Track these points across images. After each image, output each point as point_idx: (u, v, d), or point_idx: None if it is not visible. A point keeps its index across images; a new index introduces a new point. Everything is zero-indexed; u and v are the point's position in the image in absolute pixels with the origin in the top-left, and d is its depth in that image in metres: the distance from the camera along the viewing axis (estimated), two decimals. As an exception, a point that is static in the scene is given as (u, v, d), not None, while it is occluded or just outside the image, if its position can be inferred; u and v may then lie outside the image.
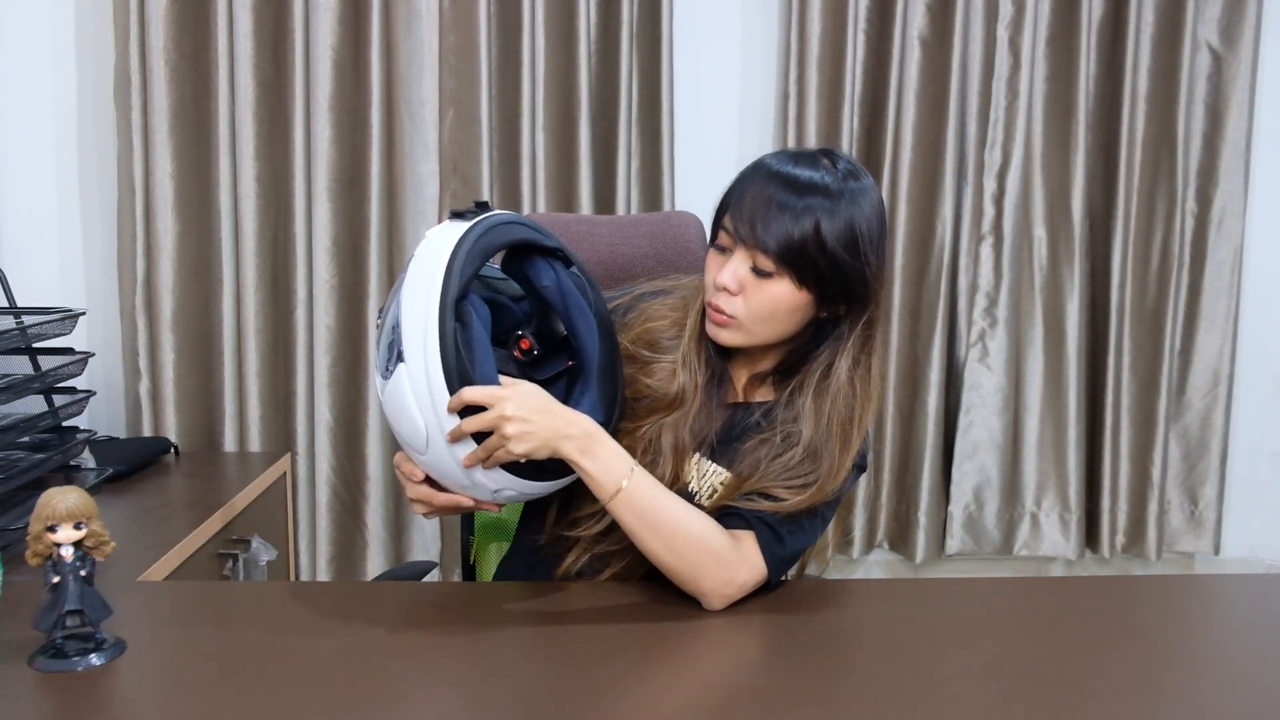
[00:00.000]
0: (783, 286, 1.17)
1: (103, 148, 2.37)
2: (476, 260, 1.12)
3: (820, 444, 1.21)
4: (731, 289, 1.18)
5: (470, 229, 1.13)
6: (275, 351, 2.44)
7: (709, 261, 1.22)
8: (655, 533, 1.16)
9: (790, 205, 1.14)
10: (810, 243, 1.14)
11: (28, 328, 1.75)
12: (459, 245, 1.11)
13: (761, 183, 1.17)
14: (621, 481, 1.14)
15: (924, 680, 1.03)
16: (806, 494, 1.20)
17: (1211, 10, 2.55)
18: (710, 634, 1.14)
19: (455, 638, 1.12)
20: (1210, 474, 2.70)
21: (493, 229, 1.14)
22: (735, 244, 1.18)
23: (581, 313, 1.19)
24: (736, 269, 1.17)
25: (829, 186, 1.16)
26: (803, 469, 1.20)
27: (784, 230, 1.14)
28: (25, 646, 1.05)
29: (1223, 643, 1.14)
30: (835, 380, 1.21)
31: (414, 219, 2.45)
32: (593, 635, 1.13)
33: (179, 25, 2.29)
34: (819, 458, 1.20)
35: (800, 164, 1.18)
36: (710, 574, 1.17)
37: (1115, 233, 2.57)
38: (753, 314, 1.19)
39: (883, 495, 2.64)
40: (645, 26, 2.44)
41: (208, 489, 2.00)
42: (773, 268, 1.16)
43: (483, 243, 1.13)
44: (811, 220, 1.14)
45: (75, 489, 1.03)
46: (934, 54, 2.50)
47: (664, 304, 1.31)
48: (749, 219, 1.16)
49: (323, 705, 0.97)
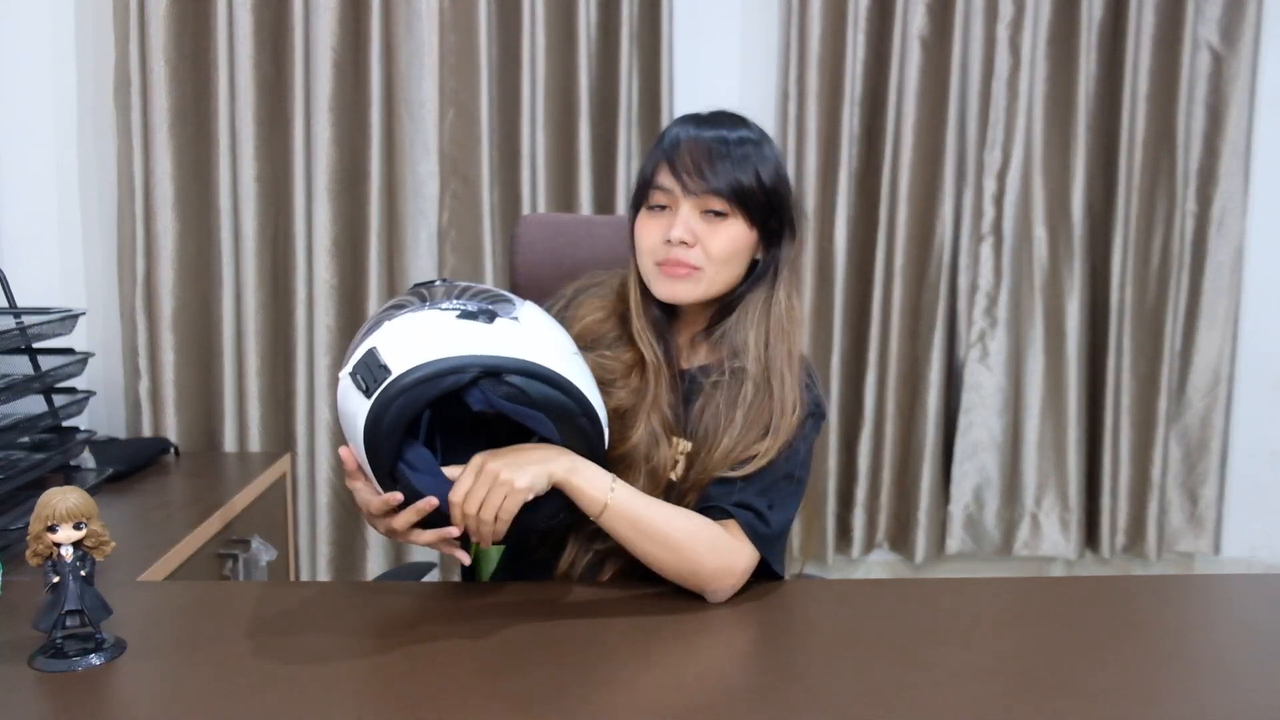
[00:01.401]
0: (736, 225, 1.25)
1: (103, 148, 2.37)
2: (396, 437, 1.10)
3: (768, 375, 1.27)
4: (688, 240, 1.23)
5: (371, 411, 1.08)
6: (275, 351, 2.45)
7: (644, 226, 1.27)
8: (648, 536, 1.18)
9: (729, 153, 1.24)
10: (753, 181, 1.24)
11: (28, 328, 1.74)
12: (370, 435, 1.09)
13: (692, 140, 1.24)
14: (607, 494, 1.16)
15: (924, 680, 1.03)
16: (770, 440, 1.24)
17: (1211, 10, 2.55)
18: (710, 633, 1.14)
19: (455, 637, 1.12)
20: (1210, 474, 2.70)
21: (395, 403, 1.08)
22: (682, 196, 1.24)
23: (525, 417, 1.13)
24: (687, 220, 1.24)
25: (751, 136, 1.27)
26: (758, 404, 1.26)
27: (730, 172, 1.23)
28: (25, 646, 1.05)
29: (1223, 643, 1.14)
30: (776, 309, 1.29)
31: (414, 219, 2.45)
32: (593, 635, 1.13)
33: (179, 25, 2.29)
34: (769, 389, 1.26)
35: (719, 122, 1.27)
36: (708, 565, 1.19)
37: (1115, 233, 2.57)
38: (714, 258, 1.24)
39: (883, 495, 2.64)
40: (645, 26, 2.44)
41: (208, 489, 2.00)
42: (726, 208, 1.23)
43: (391, 425, 1.09)
44: (749, 162, 1.24)
45: (75, 489, 1.03)
46: (934, 54, 2.50)
47: (591, 302, 1.36)
48: (695, 170, 1.23)
49: (323, 705, 0.97)
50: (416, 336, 1.11)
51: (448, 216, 2.45)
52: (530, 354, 1.12)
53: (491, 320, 1.13)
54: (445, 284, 1.21)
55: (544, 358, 1.13)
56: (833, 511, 2.61)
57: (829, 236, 2.53)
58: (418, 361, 1.08)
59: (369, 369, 1.09)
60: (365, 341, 1.13)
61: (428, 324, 1.12)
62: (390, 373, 1.08)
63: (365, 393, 1.08)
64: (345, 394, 1.13)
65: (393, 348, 1.09)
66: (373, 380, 1.08)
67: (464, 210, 2.44)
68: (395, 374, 1.07)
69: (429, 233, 2.45)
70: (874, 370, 2.58)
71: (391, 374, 1.08)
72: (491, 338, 1.11)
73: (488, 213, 2.42)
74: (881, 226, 2.53)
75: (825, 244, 2.53)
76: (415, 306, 1.15)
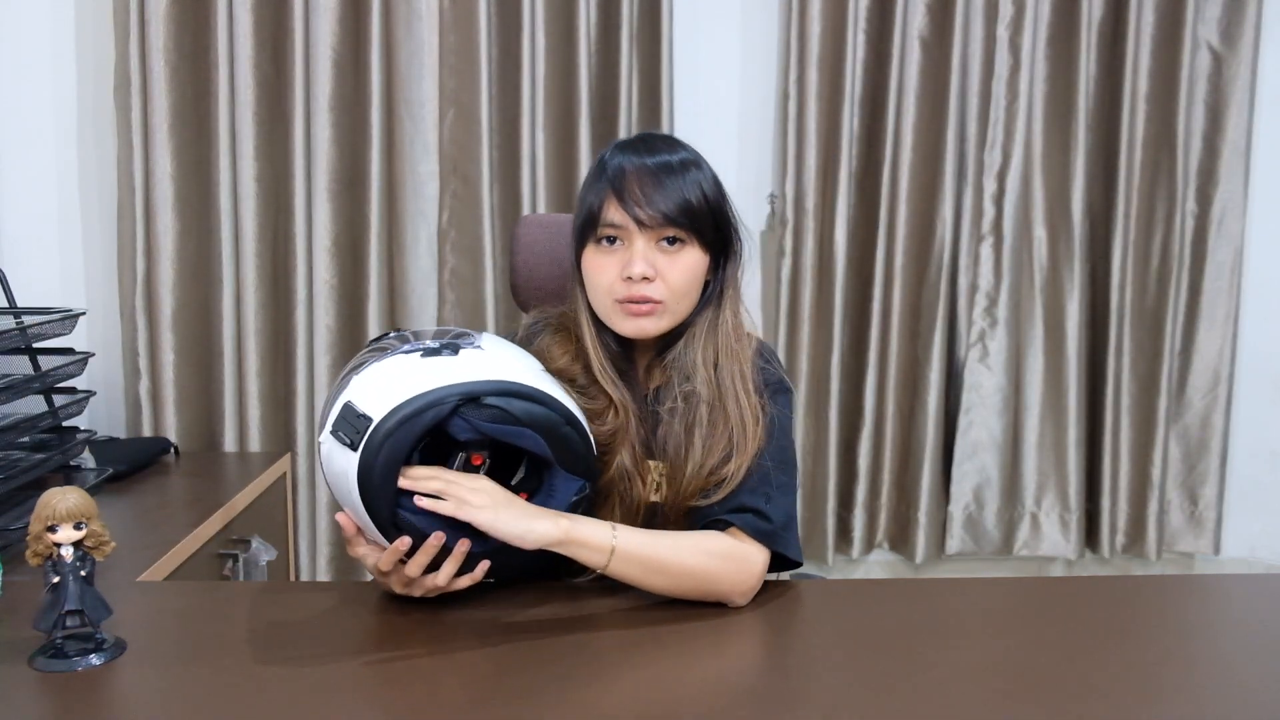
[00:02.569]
0: (693, 253, 1.24)
1: (103, 148, 2.37)
2: (391, 483, 1.10)
3: (721, 397, 1.25)
4: (649, 275, 1.22)
5: (361, 462, 1.09)
6: (275, 351, 2.44)
7: (597, 264, 1.25)
8: (660, 571, 1.18)
9: (673, 178, 1.22)
10: (701, 201, 1.23)
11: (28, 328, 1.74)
12: (364, 485, 1.09)
13: (635, 170, 1.23)
14: (611, 542, 1.15)
15: (924, 680, 1.03)
16: (738, 459, 1.23)
17: (1211, 10, 2.55)
18: (711, 634, 1.14)
19: (455, 637, 1.12)
20: (1210, 474, 2.70)
21: (382, 448, 1.09)
22: (636, 230, 1.22)
23: (513, 436, 1.13)
24: (644, 254, 1.22)
25: (690, 157, 1.26)
26: (714, 426, 1.24)
27: (680, 196, 1.22)
28: (25, 646, 1.05)
29: (1223, 643, 1.14)
30: (723, 329, 1.28)
31: (414, 219, 2.45)
32: (593, 635, 1.13)
33: (179, 25, 2.29)
34: (725, 411, 1.25)
35: (657, 147, 1.26)
36: (724, 579, 1.19)
37: (1115, 233, 2.57)
38: (675, 290, 1.24)
39: (883, 495, 2.64)
40: (645, 26, 2.44)
41: (208, 489, 2.00)
42: (683, 235, 1.23)
43: (384, 471, 1.09)
44: (694, 181, 1.23)
45: (75, 489, 1.03)
46: (934, 54, 2.50)
47: (553, 339, 1.33)
48: (645, 200, 1.21)
49: (322, 705, 0.97)
50: (388, 382, 1.12)
51: (448, 216, 2.45)
52: (503, 374, 1.13)
53: (456, 352, 1.15)
54: (399, 334, 1.23)
55: (517, 376, 1.14)
56: (833, 511, 2.61)
57: (829, 236, 2.53)
58: (395, 403, 1.09)
59: (348, 423, 1.10)
60: (337, 401, 1.14)
61: (395, 369, 1.13)
62: (371, 420, 1.09)
63: (350, 446, 1.09)
64: (330, 455, 1.13)
65: (367, 397, 1.11)
66: (355, 432, 1.09)
67: (464, 210, 2.44)
68: (376, 420, 1.09)
69: (429, 233, 2.45)
70: (874, 370, 2.58)
71: (373, 421, 1.09)
72: (461, 367, 1.13)
73: (488, 213, 2.42)
74: (881, 226, 2.53)
75: (825, 244, 2.53)
76: (377, 358, 1.16)
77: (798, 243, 2.52)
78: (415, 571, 1.12)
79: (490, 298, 2.43)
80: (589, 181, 1.27)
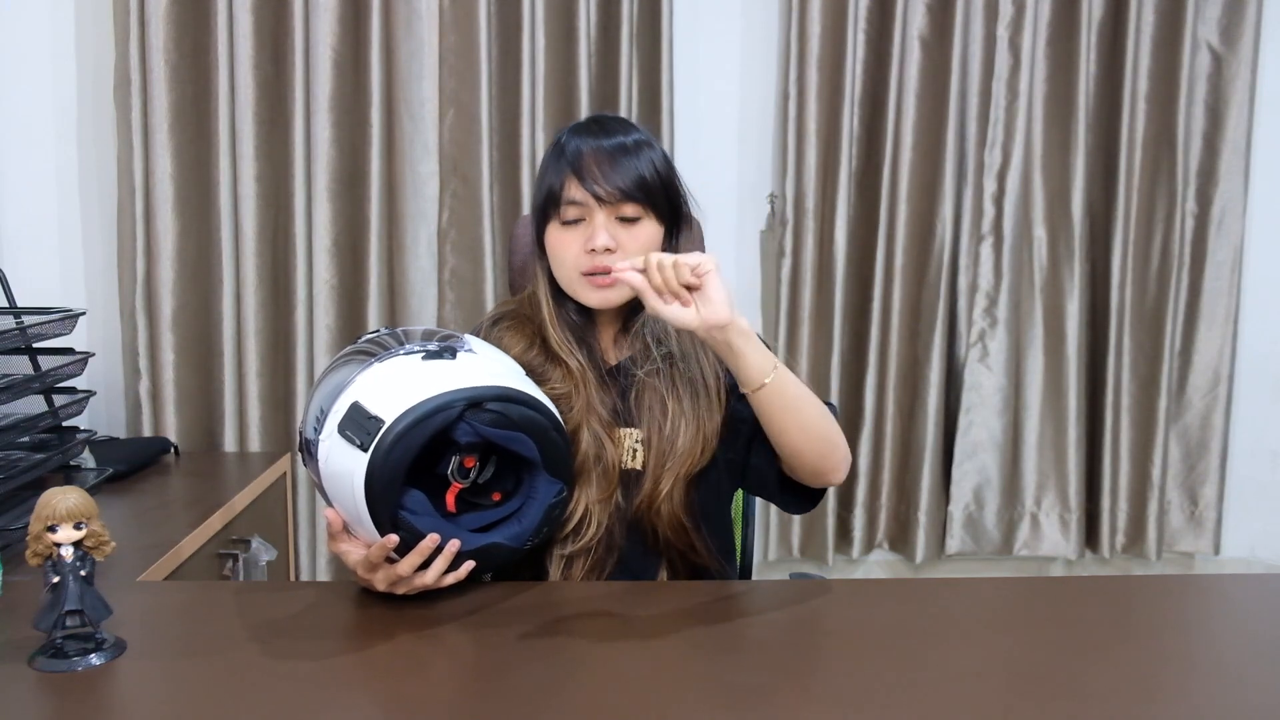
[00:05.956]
0: (649, 225, 1.31)
1: (103, 148, 2.37)
2: (399, 484, 1.12)
3: (695, 354, 1.35)
4: (611, 246, 1.28)
5: (370, 463, 1.11)
6: (275, 351, 2.44)
7: (560, 241, 1.31)
8: (799, 413, 1.25)
9: (628, 157, 1.30)
10: (654, 177, 1.30)
11: (28, 328, 1.74)
12: (371, 486, 1.12)
13: (592, 151, 1.30)
14: (771, 372, 1.22)
15: (924, 680, 1.03)
16: (709, 423, 1.32)
17: (1211, 10, 2.54)
18: (710, 633, 1.14)
19: (453, 637, 1.12)
20: (1210, 474, 2.70)
21: (394, 450, 1.11)
22: (597, 206, 1.28)
23: (510, 440, 1.17)
24: (605, 227, 1.29)
25: (643, 138, 1.33)
26: (693, 380, 1.33)
27: (636, 172, 1.29)
28: (25, 646, 1.05)
29: (1223, 643, 1.14)
30: None
31: (414, 219, 2.45)
32: (593, 635, 1.13)
33: (179, 25, 2.29)
34: (701, 365, 1.34)
35: (613, 129, 1.33)
36: (841, 448, 1.30)
37: (1115, 233, 2.57)
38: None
39: (883, 495, 2.64)
40: (645, 26, 2.43)
41: (208, 489, 2.00)
42: (640, 211, 1.30)
43: (393, 473, 1.11)
44: (647, 159, 1.31)
45: (75, 489, 1.03)
46: (934, 54, 2.50)
47: (510, 336, 1.38)
48: (604, 179, 1.28)
49: (323, 705, 0.97)
50: (396, 384, 1.15)
51: (448, 216, 2.45)
52: (498, 380, 1.18)
53: (454, 355, 1.18)
54: (389, 332, 1.26)
55: (510, 381, 1.19)
56: (833, 511, 2.61)
57: (829, 237, 2.53)
58: (406, 406, 1.12)
59: (358, 423, 1.12)
60: (340, 399, 1.15)
61: (400, 370, 1.16)
62: (383, 422, 1.11)
63: (360, 447, 1.12)
64: (331, 453, 1.15)
65: (376, 398, 1.13)
66: (365, 433, 1.12)
67: (464, 210, 2.44)
68: (388, 421, 1.11)
69: (429, 233, 2.45)
70: (874, 370, 2.58)
71: (385, 422, 1.11)
72: (461, 371, 1.17)
73: (488, 213, 2.42)
74: (881, 226, 2.53)
75: (825, 244, 2.53)
76: (380, 357, 1.19)
77: (798, 243, 2.52)
78: (407, 570, 1.15)
79: (490, 298, 2.43)
80: (547, 163, 1.34)
